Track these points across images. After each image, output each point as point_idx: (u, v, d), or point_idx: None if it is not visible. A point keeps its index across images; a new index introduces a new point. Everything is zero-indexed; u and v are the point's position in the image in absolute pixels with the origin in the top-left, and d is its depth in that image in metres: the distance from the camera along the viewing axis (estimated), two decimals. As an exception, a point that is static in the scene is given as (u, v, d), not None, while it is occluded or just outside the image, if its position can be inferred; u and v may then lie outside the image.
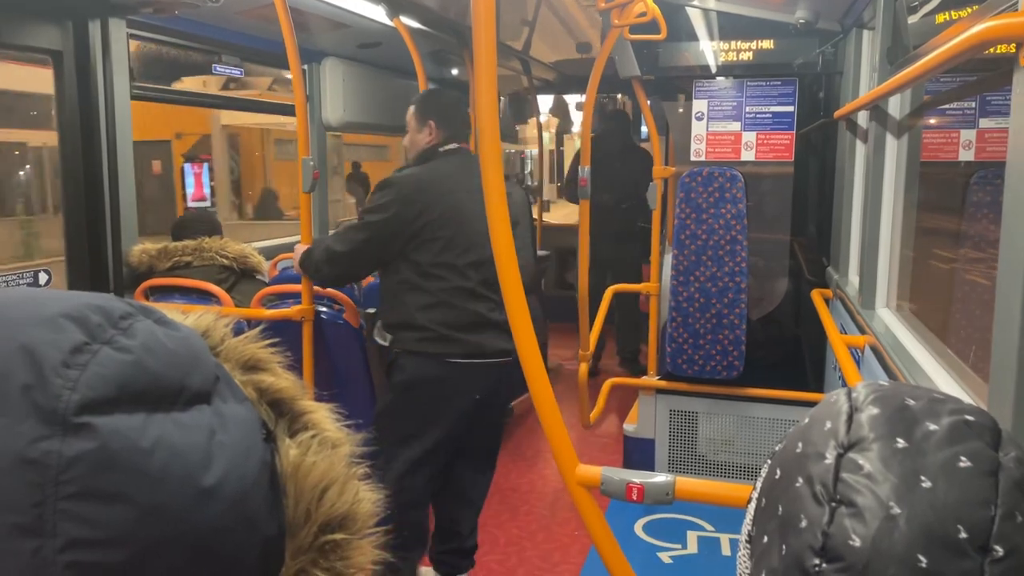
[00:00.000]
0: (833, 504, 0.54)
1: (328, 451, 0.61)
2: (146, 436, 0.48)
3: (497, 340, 2.76)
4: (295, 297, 3.16)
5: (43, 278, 3.10)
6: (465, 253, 2.72)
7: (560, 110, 8.97)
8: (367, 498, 0.62)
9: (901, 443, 0.55)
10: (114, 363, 0.48)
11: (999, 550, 0.51)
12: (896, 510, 0.52)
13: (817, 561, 0.53)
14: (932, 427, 0.55)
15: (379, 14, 3.81)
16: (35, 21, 2.96)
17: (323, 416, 0.65)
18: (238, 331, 0.65)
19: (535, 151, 13.15)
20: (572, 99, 8.66)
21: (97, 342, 0.48)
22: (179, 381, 0.51)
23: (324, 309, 3.29)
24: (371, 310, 3.27)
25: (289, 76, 3.03)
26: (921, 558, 0.51)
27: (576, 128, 10.27)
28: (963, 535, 0.51)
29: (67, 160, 3.13)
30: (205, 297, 3.26)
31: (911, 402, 0.58)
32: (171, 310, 0.58)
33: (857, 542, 0.52)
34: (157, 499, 0.47)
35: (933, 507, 0.52)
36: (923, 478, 0.53)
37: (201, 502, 0.49)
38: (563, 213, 10.99)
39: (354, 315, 3.32)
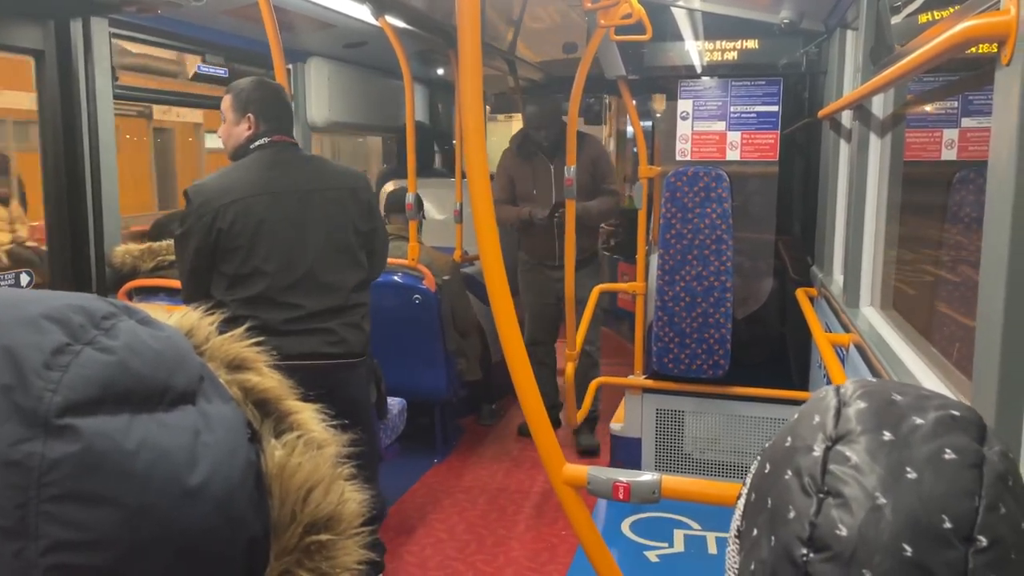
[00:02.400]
0: (821, 495, 0.55)
1: (314, 452, 0.61)
2: (130, 437, 0.47)
3: (300, 344, 2.54)
4: None
5: (25, 279, 3.08)
6: (268, 259, 2.54)
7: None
8: (353, 499, 0.62)
9: (888, 436, 0.56)
10: (97, 364, 0.48)
11: (983, 540, 0.51)
12: (882, 500, 0.53)
13: (805, 551, 0.54)
14: (918, 421, 0.56)
15: (364, 14, 3.80)
16: (16, 20, 2.93)
17: (309, 416, 0.64)
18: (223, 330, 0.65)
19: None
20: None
21: (79, 343, 0.48)
22: (163, 381, 0.50)
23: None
24: None
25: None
26: (906, 547, 0.51)
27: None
28: (948, 525, 0.51)
29: (49, 160, 3.10)
30: (190, 298, 3.22)
31: (898, 397, 0.59)
32: (155, 310, 0.58)
33: (844, 532, 0.53)
34: (142, 500, 0.47)
35: (919, 498, 0.52)
36: (909, 469, 0.53)
37: (186, 503, 0.49)
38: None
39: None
